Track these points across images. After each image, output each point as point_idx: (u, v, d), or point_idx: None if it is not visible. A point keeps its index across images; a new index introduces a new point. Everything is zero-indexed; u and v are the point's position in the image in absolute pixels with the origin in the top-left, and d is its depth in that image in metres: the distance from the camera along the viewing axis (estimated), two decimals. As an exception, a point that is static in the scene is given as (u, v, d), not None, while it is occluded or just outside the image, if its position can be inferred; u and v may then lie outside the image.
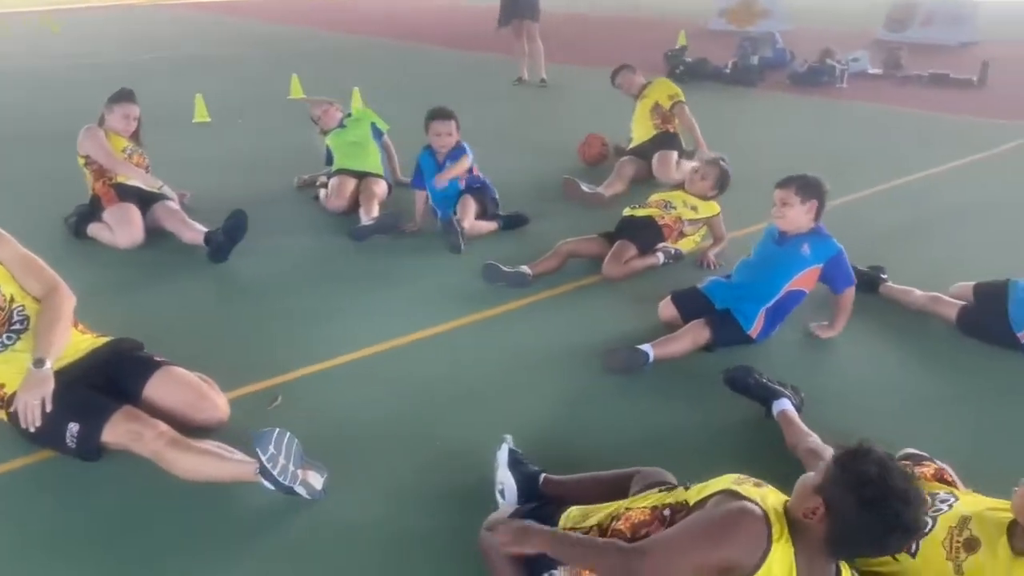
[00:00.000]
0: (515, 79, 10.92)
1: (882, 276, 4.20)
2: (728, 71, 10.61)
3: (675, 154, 6.27)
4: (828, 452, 2.71)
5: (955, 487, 2.38)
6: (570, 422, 3.23)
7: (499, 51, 12.35)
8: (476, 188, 5.23)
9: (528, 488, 2.64)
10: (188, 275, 4.61)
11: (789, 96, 9.94)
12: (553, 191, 5.94)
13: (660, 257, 4.61)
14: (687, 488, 2.10)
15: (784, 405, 3.07)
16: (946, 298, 3.92)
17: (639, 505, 2.14)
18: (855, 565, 2.01)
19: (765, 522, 1.82)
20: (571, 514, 2.27)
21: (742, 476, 2.03)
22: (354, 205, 5.52)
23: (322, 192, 5.81)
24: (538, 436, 3.05)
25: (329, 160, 6.04)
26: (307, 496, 2.67)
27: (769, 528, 1.82)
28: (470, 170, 5.24)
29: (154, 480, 2.78)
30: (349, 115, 6.20)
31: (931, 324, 3.93)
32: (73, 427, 2.85)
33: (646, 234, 4.60)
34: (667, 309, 3.91)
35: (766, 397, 3.13)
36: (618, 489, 2.47)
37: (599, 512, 2.22)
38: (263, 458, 2.57)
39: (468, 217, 4.96)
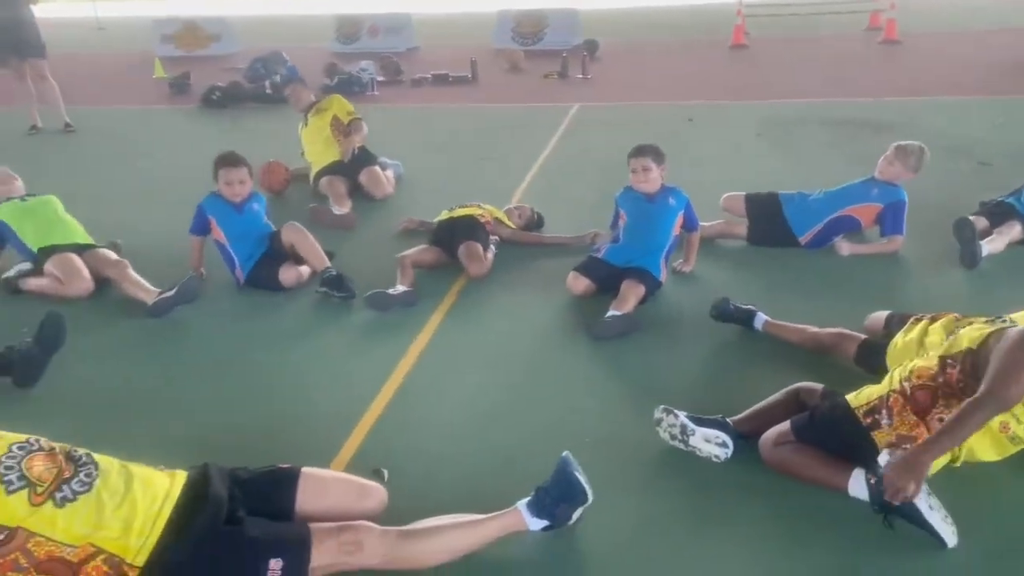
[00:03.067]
0: (29, 128, 9.23)
1: None
2: (269, 92, 10.59)
3: (378, 168, 6.38)
4: (846, 331, 3.56)
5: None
6: (630, 396, 3.49)
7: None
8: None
9: (730, 433, 2.93)
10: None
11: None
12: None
13: (493, 248, 4.90)
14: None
15: (763, 316, 3.83)
16: (733, 220, 5.07)
17: (920, 364, 2.72)
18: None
19: None
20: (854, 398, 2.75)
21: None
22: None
23: (32, 281, 4.56)
24: (609, 414, 3.30)
25: (-1, 242, 4.77)
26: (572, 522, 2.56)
27: None
28: None
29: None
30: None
31: (727, 244, 5.04)
32: (275, 565, 2.20)
33: (479, 231, 4.85)
34: (578, 282, 4.31)
35: (747, 317, 3.85)
36: (793, 407, 2.97)
37: (877, 388, 2.74)
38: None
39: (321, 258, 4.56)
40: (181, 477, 2.39)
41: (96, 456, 2.31)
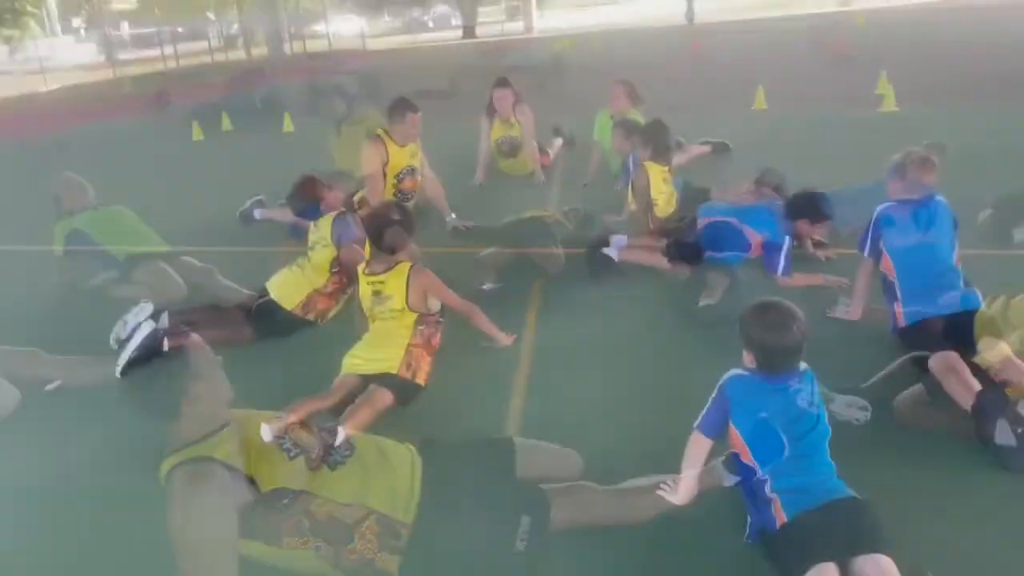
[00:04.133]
0: None
1: None
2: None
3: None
4: None
5: None
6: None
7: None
8: None
9: (866, 398, 3.23)
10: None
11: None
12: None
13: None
14: None
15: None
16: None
17: None
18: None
19: None
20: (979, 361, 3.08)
21: None
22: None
23: (124, 288, 4.60)
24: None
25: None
26: None
27: None
28: None
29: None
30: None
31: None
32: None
33: (547, 231, 5.12)
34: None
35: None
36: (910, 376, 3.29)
37: (996, 354, 3.07)
38: None
39: None
40: (411, 446, 2.56)
41: (340, 427, 2.46)
